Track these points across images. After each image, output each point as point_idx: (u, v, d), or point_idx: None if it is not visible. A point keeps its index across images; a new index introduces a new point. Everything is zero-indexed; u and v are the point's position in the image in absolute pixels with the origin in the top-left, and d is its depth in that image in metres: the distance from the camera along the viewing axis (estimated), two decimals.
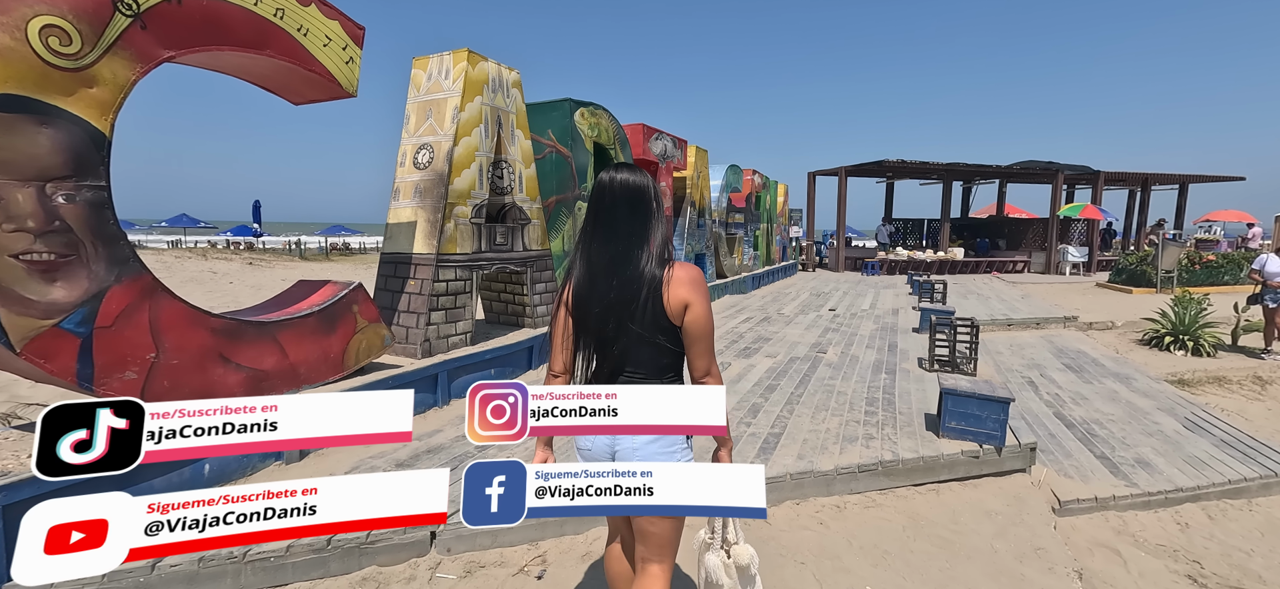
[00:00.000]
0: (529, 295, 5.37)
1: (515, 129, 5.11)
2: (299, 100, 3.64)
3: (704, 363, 1.49)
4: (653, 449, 1.46)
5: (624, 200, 1.45)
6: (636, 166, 1.52)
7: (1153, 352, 7.88)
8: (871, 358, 5.95)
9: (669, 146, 8.44)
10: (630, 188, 1.46)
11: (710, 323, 1.48)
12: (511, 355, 4.94)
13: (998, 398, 3.41)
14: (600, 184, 1.48)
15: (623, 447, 1.48)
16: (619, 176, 1.47)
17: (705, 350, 1.48)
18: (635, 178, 1.48)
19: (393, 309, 4.30)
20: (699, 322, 1.45)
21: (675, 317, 1.44)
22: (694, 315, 1.44)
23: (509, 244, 5.06)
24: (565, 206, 6.14)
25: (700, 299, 1.45)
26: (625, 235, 1.44)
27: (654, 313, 1.43)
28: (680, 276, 1.45)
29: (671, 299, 1.43)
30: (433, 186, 4.38)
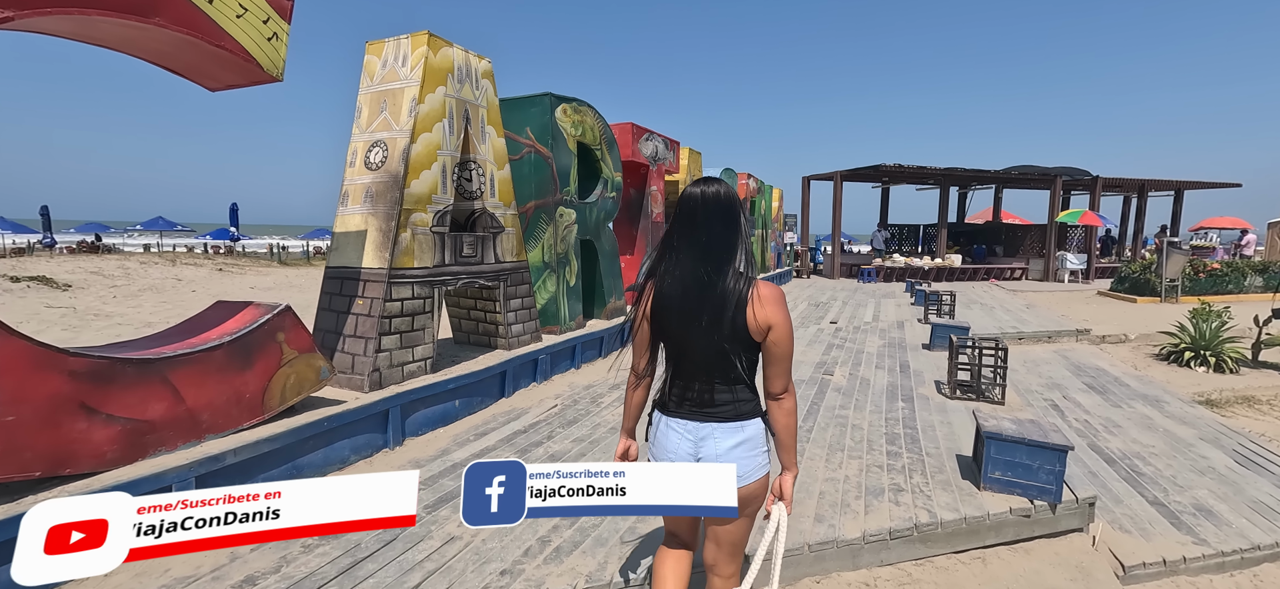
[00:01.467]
0: (502, 313, 4.76)
1: (486, 125, 4.51)
2: (214, 84, 3.02)
3: (782, 382, 1.52)
4: (737, 453, 1.51)
5: (717, 215, 1.48)
6: (721, 180, 1.53)
7: (1173, 368, 7.43)
8: (883, 380, 5.40)
9: (660, 148, 7.88)
10: (722, 202, 1.49)
11: (791, 342, 1.51)
12: (481, 383, 4.33)
13: (1051, 445, 2.86)
14: (691, 197, 1.50)
15: (706, 453, 1.53)
16: (710, 190, 1.50)
17: (784, 370, 1.51)
18: (725, 191, 1.50)
19: (337, 333, 3.68)
20: (781, 342, 1.48)
21: (758, 334, 1.47)
22: (777, 335, 1.47)
23: (478, 255, 4.45)
24: (545, 213, 5.54)
25: (784, 319, 1.48)
26: (718, 250, 1.47)
27: (738, 329, 1.46)
28: (765, 295, 1.47)
29: (757, 318, 1.46)
30: (386, 190, 3.76)
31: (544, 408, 4.47)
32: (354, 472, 3.23)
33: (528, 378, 4.97)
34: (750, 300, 1.46)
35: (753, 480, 1.55)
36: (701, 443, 1.54)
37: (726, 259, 1.48)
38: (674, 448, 1.56)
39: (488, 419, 4.20)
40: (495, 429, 4.00)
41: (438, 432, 3.87)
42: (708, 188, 1.51)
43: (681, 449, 1.55)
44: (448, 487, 3.08)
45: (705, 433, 1.54)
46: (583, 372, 5.67)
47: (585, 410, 4.46)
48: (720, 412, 1.53)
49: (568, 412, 4.43)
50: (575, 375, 5.50)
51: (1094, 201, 17.39)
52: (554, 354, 5.32)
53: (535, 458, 3.50)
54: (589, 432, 3.96)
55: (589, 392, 4.97)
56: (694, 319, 1.47)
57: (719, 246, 1.48)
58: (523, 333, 5.00)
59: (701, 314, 1.46)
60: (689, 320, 1.48)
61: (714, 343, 1.48)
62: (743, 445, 1.52)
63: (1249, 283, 13.71)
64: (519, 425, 4.09)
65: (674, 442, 1.57)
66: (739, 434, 1.53)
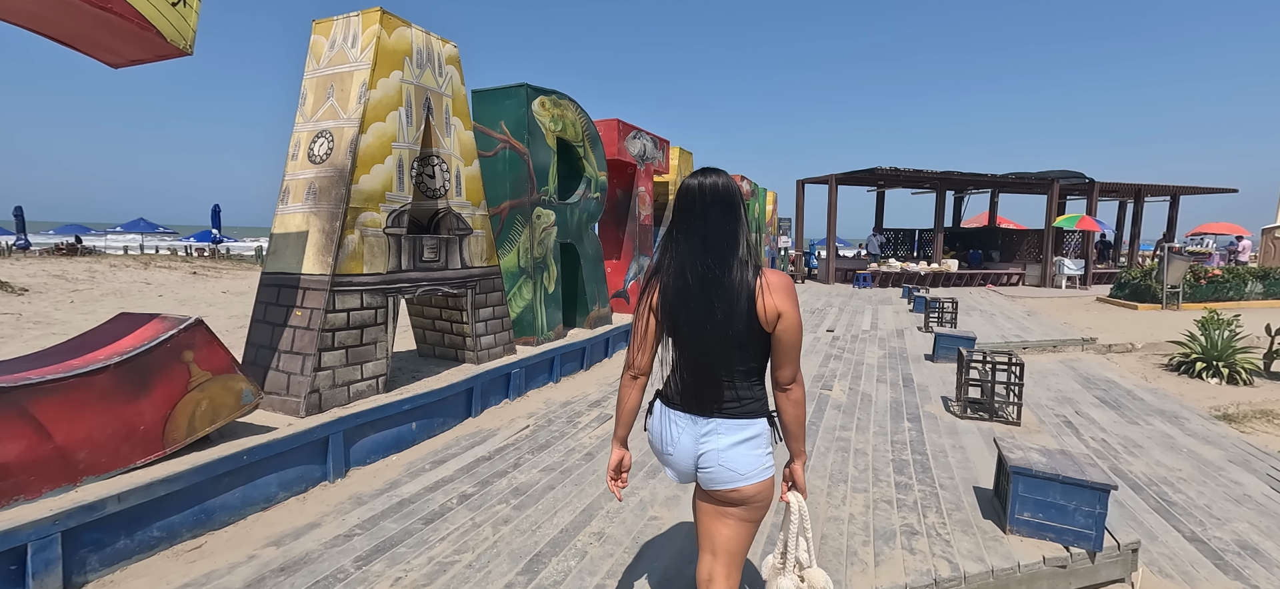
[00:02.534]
0: (470, 324, 4.32)
1: (451, 117, 4.08)
2: (115, 60, 2.58)
3: (790, 370, 1.49)
4: (739, 452, 1.49)
5: (716, 205, 1.46)
6: (720, 170, 1.51)
7: (1184, 379, 7.10)
8: (886, 397, 5.00)
9: (649, 147, 7.48)
10: (721, 192, 1.47)
11: (800, 331, 1.48)
12: (443, 402, 3.88)
13: (1091, 483, 2.46)
14: (689, 189, 1.49)
15: (707, 450, 1.50)
16: (708, 181, 1.48)
17: (793, 358, 1.49)
18: (723, 181, 1.49)
19: (272, 349, 3.23)
20: (790, 330, 1.46)
21: (768, 324, 1.45)
22: (786, 324, 1.45)
23: (442, 260, 4.01)
24: (521, 214, 5.11)
25: (793, 308, 1.45)
26: (720, 241, 1.45)
27: (748, 320, 1.44)
28: (774, 284, 1.45)
29: (767, 307, 1.44)
30: (331, 186, 3.32)
31: (514, 429, 4.03)
32: (284, 510, 2.77)
33: (499, 394, 4.53)
34: (759, 290, 1.43)
35: (756, 481, 1.50)
36: (703, 438, 1.51)
37: (730, 250, 1.45)
38: (674, 439, 1.54)
39: (449, 443, 3.75)
40: (456, 455, 3.56)
41: (389, 460, 3.43)
42: (706, 179, 1.48)
43: (682, 442, 1.53)
44: (389, 531, 2.64)
45: (708, 428, 1.50)
46: (562, 386, 5.23)
47: (560, 432, 4.02)
48: (726, 408, 1.50)
49: (541, 433, 4.00)
50: (552, 391, 5.07)
51: (1091, 206, 17.16)
52: (529, 368, 4.88)
53: (497, 491, 3.06)
54: (561, 459, 3.53)
55: (566, 410, 4.53)
56: (702, 313, 1.44)
57: (721, 237, 1.45)
58: (494, 345, 4.57)
59: (710, 308, 1.44)
60: (697, 315, 1.45)
61: (723, 336, 1.45)
62: (746, 443, 1.49)
63: (1249, 289, 13.49)
64: (484, 450, 3.65)
65: (675, 433, 1.54)
66: (743, 432, 1.49)
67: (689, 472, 1.55)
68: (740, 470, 1.48)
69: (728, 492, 1.51)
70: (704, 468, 1.51)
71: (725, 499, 1.53)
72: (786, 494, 1.62)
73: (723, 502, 1.54)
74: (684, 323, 1.47)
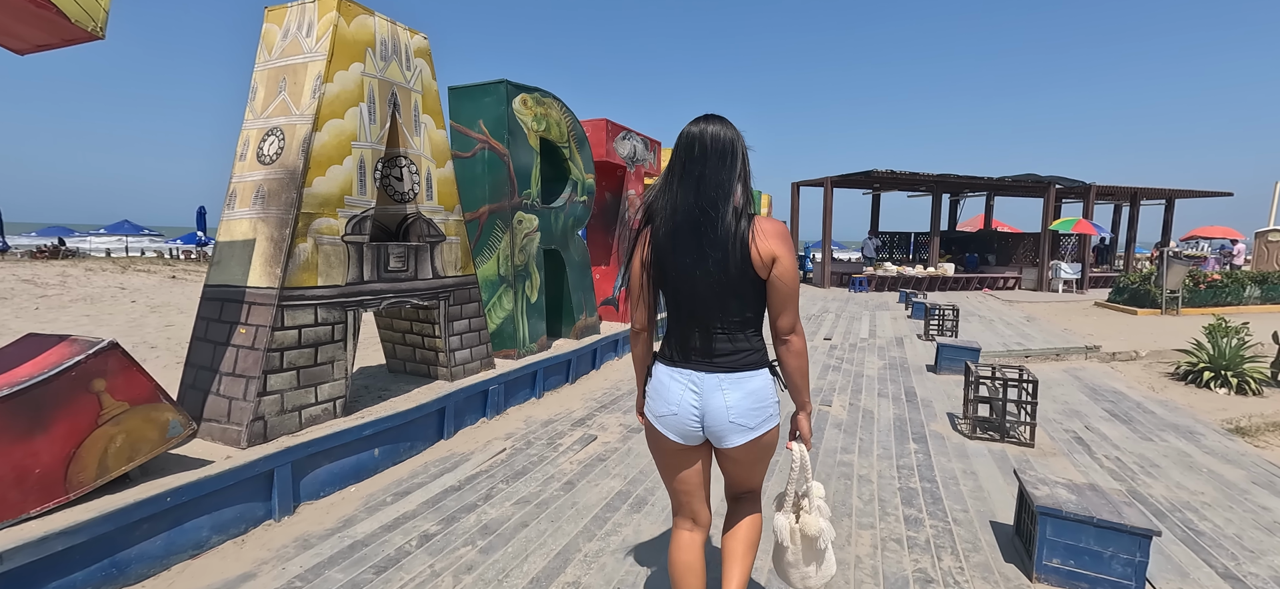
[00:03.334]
0: (443, 337, 3.99)
1: (421, 114, 3.76)
2: (20, 45, 2.25)
3: (789, 318, 1.47)
4: (744, 407, 1.46)
5: (714, 152, 1.42)
6: (723, 118, 1.47)
7: (1191, 389, 6.87)
8: (889, 413, 4.72)
9: (639, 148, 7.18)
10: (721, 140, 1.43)
11: (797, 276, 1.46)
12: (411, 425, 3.56)
13: (1130, 528, 2.18)
14: (688, 135, 1.46)
15: (712, 405, 1.47)
16: (709, 128, 1.44)
17: (791, 305, 1.46)
18: (725, 130, 1.45)
19: (213, 371, 2.89)
20: (786, 275, 1.43)
21: (762, 270, 1.43)
22: (782, 269, 1.43)
23: (410, 269, 3.69)
24: (500, 218, 4.79)
25: (788, 252, 1.43)
26: (712, 187, 1.41)
27: (741, 266, 1.42)
28: (767, 229, 1.43)
29: (760, 252, 1.41)
30: (281, 189, 3.00)
31: (489, 453, 3.71)
32: (216, 558, 2.44)
33: (475, 413, 4.21)
34: (752, 236, 1.41)
35: (759, 434, 1.50)
36: (706, 395, 1.48)
37: (722, 197, 1.41)
38: (676, 400, 1.50)
39: (416, 470, 3.43)
40: (422, 485, 3.24)
41: (346, 492, 3.10)
42: (708, 125, 1.44)
43: (684, 401, 1.50)
44: (334, 582, 2.31)
45: (710, 384, 1.47)
46: (544, 402, 4.92)
47: (539, 456, 3.70)
48: (726, 361, 1.47)
49: (518, 457, 3.68)
50: (534, 407, 4.75)
51: (1088, 209, 17.03)
52: (509, 383, 4.56)
53: (463, 529, 2.74)
54: (538, 489, 3.21)
55: (549, 429, 4.22)
56: (694, 260, 1.42)
57: (714, 184, 1.41)
58: (470, 359, 4.25)
59: (702, 254, 1.41)
60: (688, 262, 1.43)
61: (717, 284, 1.42)
62: (750, 396, 1.47)
63: (1248, 294, 13.36)
64: (453, 479, 3.32)
65: (676, 393, 1.51)
66: (747, 384, 1.47)
67: (692, 431, 1.51)
68: (747, 424, 1.46)
69: (737, 448, 1.50)
70: (712, 428, 1.49)
71: (732, 455, 1.53)
72: (791, 444, 1.59)
73: (729, 456, 1.54)
74: (673, 267, 1.44)
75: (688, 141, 1.45)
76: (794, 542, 1.58)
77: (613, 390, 5.34)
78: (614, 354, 6.51)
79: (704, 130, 1.44)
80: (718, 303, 1.44)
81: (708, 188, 1.41)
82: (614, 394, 5.22)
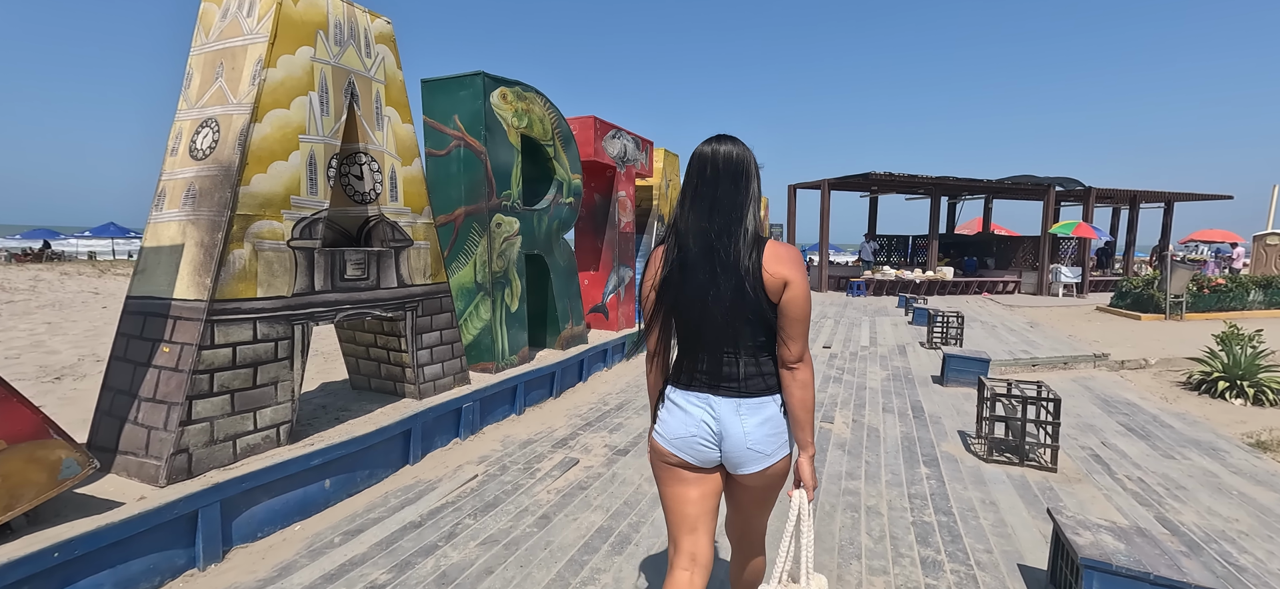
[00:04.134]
0: (411, 352, 3.63)
1: (384, 107, 3.40)
2: None
3: (798, 346, 1.44)
4: (761, 433, 1.44)
5: (727, 174, 1.42)
6: (736, 138, 1.46)
7: (1206, 399, 6.59)
8: (896, 431, 4.38)
9: (629, 148, 6.84)
10: (733, 161, 1.43)
11: (809, 303, 1.44)
12: (370, 451, 3.19)
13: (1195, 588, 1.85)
14: (701, 155, 1.45)
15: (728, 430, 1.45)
16: (722, 148, 1.43)
17: (801, 332, 1.44)
18: (738, 150, 1.44)
19: (131, 395, 2.53)
20: (797, 301, 1.41)
21: (774, 294, 1.41)
22: (793, 294, 1.40)
23: (371, 277, 3.33)
24: (477, 221, 4.44)
25: (800, 277, 1.41)
26: (726, 211, 1.40)
27: (754, 291, 1.39)
28: (779, 254, 1.42)
29: (771, 276, 1.39)
30: (213, 188, 2.64)
31: (459, 481, 3.35)
32: None
33: (447, 433, 3.85)
34: (764, 260, 1.39)
35: (775, 460, 1.47)
36: (724, 420, 1.45)
37: (735, 220, 1.40)
38: (692, 424, 1.47)
39: (374, 503, 3.07)
40: (378, 520, 2.88)
41: (290, 531, 2.73)
42: (720, 146, 1.43)
43: (699, 429, 1.47)
44: None
45: (726, 409, 1.45)
46: (525, 419, 4.56)
47: (514, 483, 3.35)
48: (743, 386, 1.44)
49: (491, 485, 3.32)
50: (514, 425, 4.39)
51: (1087, 212, 16.81)
52: (485, 400, 4.20)
53: (418, 578, 2.38)
54: (509, 525, 2.85)
55: (527, 451, 3.86)
56: (707, 284, 1.41)
57: (727, 207, 1.40)
58: (441, 375, 3.89)
59: (714, 278, 1.40)
60: (701, 285, 1.41)
61: (730, 308, 1.40)
62: (769, 422, 1.45)
63: (1252, 299, 13.14)
64: (415, 513, 2.96)
65: (695, 418, 1.47)
66: (762, 411, 1.45)
67: (708, 456, 1.49)
68: (765, 451, 1.45)
69: (752, 475, 1.47)
70: (729, 454, 1.47)
71: (747, 482, 1.50)
72: (791, 491, 1.51)
73: (742, 484, 1.51)
74: (690, 294, 1.43)
75: (701, 163, 1.43)
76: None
77: (599, 405, 4.99)
78: (603, 365, 6.16)
79: (716, 151, 1.42)
80: (731, 327, 1.42)
81: (721, 211, 1.40)
82: (600, 409, 4.87)
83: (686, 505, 1.52)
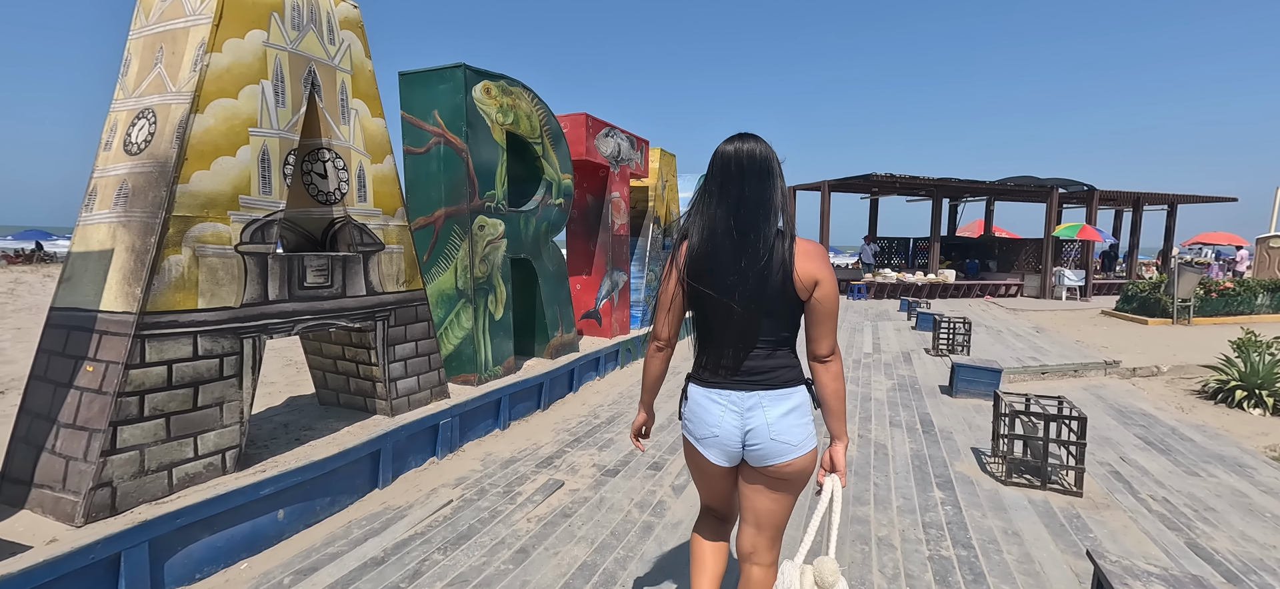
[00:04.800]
0: (382, 365, 3.35)
1: (351, 98, 3.12)
2: None
3: (829, 342, 1.46)
4: (788, 422, 1.44)
5: (753, 171, 1.42)
6: (757, 136, 1.47)
7: (1223, 409, 6.33)
8: (905, 449, 4.10)
9: (624, 147, 6.56)
10: (758, 158, 1.43)
11: (838, 300, 1.45)
12: (332, 476, 2.90)
13: None
14: (723, 154, 1.45)
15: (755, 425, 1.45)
16: (744, 147, 1.45)
17: (830, 329, 1.45)
18: (761, 148, 1.45)
19: (50, 420, 2.24)
20: (828, 299, 1.43)
21: (804, 291, 1.42)
22: (824, 292, 1.42)
23: (335, 285, 3.04)
24: (458, 223, 4.15)
25: (830, 275, 1.43)
26: (754, 206, 1.41)
27: (781, 286, 1.41)
28: (809, 251, 1.43)
29: (802, 273, 1.41)
30: (148, 186, 2.35)
31: (432, 507, 3.06)
32: None
33: (422, 452, 3.56)
34: (795, 256, 1.40)
35: (802, 453, 1.47)
36: (749, 413, 1.46)
37: (763, 214, 1.41)
38: (716, 421, 1.48)
39: (335, 534, 2.77)
40: (337, 556, 2.58)
41: (235, 571, 2.44)
42: (743, 144, 1.45)
43: (726, 422, 1.47)
44: None
45: (752, 402, 1.45)
46: (510, 434, 4.27)
47: (492, 510, 3.06)
48: (767, 378, 1.45)
49: (466, 512, 3.03)
50: (497, 441, 4.10)
51: (1091, 215, 16.57)
52: (466, 415, 3.91)
53: None
54: (482, 561, 2.57)
55: (509, 471, 3.57)
56: (734, 279, 1.41)
57: (755, 203, 1.41)
58: (417, 389, 3.60)
59: (742, 273, 1.40)
60: (728, 281, 1.42)
61: (757, 303, 1.41)
62: (792, 413, 1.45)
63: (1259, 303, 12.91)
64: (378, 547, 2.67)
65: (716, 415, 1.48)
66: (787, 401, 1.45)
67: (736, 451, 1.50)
68: (791, 441, 1.45)
69: (779, 466, 1.46)
70: (752, 445, 1.47)
71: (775, 474, 1.48)
72: (823, 476, 1.53)
73: (770, 476, 1.49)
74: (711, 284, 1.43)
75: (724, 161, 1.44)
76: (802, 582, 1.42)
77: (590, 418, 4.70)
78: (595, 374, 5.87)
79: (740, 149, 1.43)
80: (755, 322, 1.43)
81: (748, 206, 1.40)
82: (591, 423, 4.58)
83: (717, 484, 1.59)
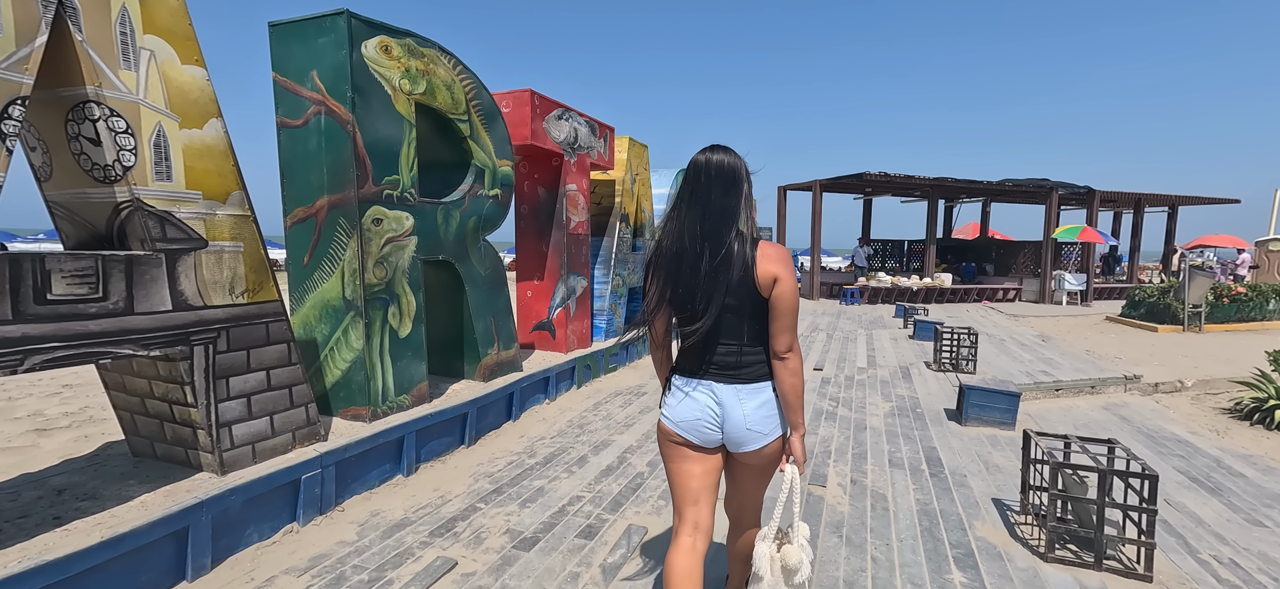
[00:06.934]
0: (204, 405, 2.44)
1: (139, 34, 2.23)
2: None
3: (787, 339, 1.57)
4: (759, 415, 1.60)
5: (719, 180, 1.56)
6: (730, 149, 1.61)
7: (1260, 431, 5.60)
8: (910, 500, 3.23)
9: (582, 132, 5.68)
10: (725, 168, 1.57)
11: (796, 299, 1.56)
12: (99, 573, 1.99)
13: None
14: (697, 163, 1.59)
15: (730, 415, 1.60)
16: (715, 157, 1.58)
17: (789, 326, 1.57)
18: (730, 159, 1.59)
19: None
20: (786, 296, 1.54)
21: (764, 289, 1.54)
22: (781, 289, 1.53)
23: (112, 297, 2.14)
24: (345, 216, 3.26)
25: (789, 273, 1.55)
26: (718, 213, 1.55)
27: (744, 286, 1.54)
28: (769, 252, 1.56)
29: (761, 273, 1.53)
30: None
31: None
32: None
33: (273, 520, 2.65)
34: (757, 257, 1.53)
35: (772, 440, 1.63)
36: (723, 405, 1.60)
37: (727, 222, 1.54)
38: (697, 409, 1.61)
39: None
40: None
41: None
42: (714, 154, 1.58)
43: (703, 413, 1.61)
44: None
45: (728, 395, 1.59)
46: (415, 481, 3.37)
47: None
48: (739, 373, 1.59)
49: None
50: (392, 494, 3.19)
51: (1091, 216, 15.90)
52: (346, 462, 3.01)
53: None
54: None
55: (390, 544, 2.66)
56: (704, 280, 1.54)
57: (721, 209, 1.54)
58: (268, 434, 2.70)
59: (711, 275, 1.53)
60: (695, 280, 1.55)
61: (722, 302, 1.54)
62: (765, 405, 1.60)
63: (1271, 308, 12.25)
64: None
65: (696, 402, 1.62)
66: (760, 395, 1.59)
67: (714, 437, 1.63)
68: (763, 430, 1.59)
69: (753, 452, 1.62)
70: (731, 435, 1.61)
71: (748, 460, 1.66)
72: (784, 465, 1.68)
73: (743, 461, 1.68)
74: (684, 289, 1.56)
75: (695, 170, 1.58)
76: (773, 571, 1.61)
77: (524, 457, 3.81)
78: (544, 396, 4.98)
79: (710, 159, 1.57)
80: (726, 319, 1.55)
81: (714, 213, 1.54)
82: (524, 463, 3.68)
83: (691, 480, 1.67)
